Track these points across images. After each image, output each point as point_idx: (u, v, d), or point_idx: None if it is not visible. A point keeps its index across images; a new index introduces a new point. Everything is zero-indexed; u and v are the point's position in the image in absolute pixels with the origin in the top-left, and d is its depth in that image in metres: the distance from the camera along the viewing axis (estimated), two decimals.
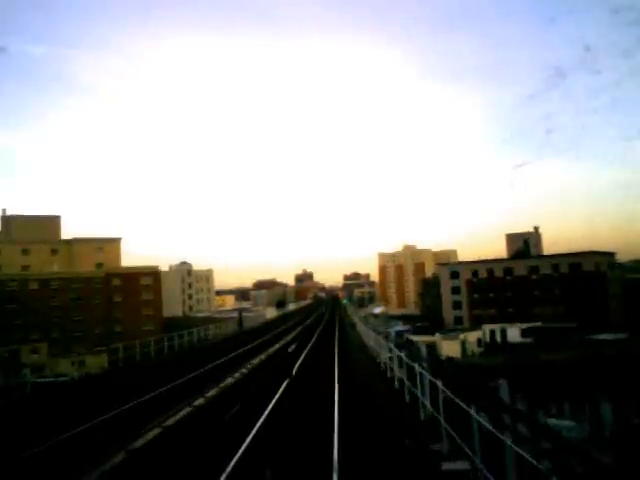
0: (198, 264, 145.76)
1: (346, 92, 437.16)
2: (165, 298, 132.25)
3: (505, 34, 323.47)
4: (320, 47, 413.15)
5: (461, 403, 8.91)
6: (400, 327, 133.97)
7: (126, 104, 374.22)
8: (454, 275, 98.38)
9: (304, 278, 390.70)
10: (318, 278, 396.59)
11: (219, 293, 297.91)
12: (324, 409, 13.58)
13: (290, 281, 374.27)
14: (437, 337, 67.75)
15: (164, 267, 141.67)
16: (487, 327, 75.92)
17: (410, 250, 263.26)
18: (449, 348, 61.91)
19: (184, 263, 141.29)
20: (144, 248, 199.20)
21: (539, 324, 75.68)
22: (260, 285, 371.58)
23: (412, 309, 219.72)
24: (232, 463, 9.16)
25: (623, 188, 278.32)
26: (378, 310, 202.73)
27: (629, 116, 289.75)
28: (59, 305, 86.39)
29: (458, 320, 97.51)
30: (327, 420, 12.17)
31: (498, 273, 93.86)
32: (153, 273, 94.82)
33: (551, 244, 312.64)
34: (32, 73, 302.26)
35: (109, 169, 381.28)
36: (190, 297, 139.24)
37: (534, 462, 6.08)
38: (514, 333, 74.13)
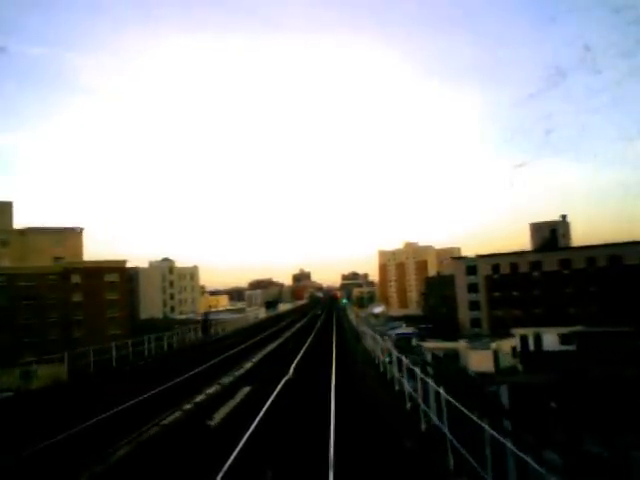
0: (193, 264, 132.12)
1: (345, 90, 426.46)
2: (144, 298, 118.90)
3: (505, 34, 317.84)
4: (320, 47, 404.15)
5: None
6: (403, 329, 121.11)
7: (122, 102, 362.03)
8: (471, 271, 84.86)
9: (301, 278, 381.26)
10: (316, 278, 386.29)
11: (214, 293, 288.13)
12: None
13: (288, 281, 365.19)
14: (461, 345, 54.24)
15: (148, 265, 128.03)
16: (518, 332, 62.61)
17: (412, 247, 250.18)
18: (478, 360, 48.61)
19: (166, 259, 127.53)
20: (139, 249, 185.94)
21: (580, 328, 62.28)
22: (256, 285, 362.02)
23: (414, 309, 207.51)
24: None
25: (623, 188, 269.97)
26: (378, 310, 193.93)
27: (629, 116, 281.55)
28: (6, 306, 72.78)
29: (475, 322, 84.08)
30: None
31: (523, 268, 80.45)
32: (119, 269, 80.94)
33: None
34: (29, 74, 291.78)
35: (104, 169, 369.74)
36: (172, 297, 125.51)
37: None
38: (551, 339, 60.82)
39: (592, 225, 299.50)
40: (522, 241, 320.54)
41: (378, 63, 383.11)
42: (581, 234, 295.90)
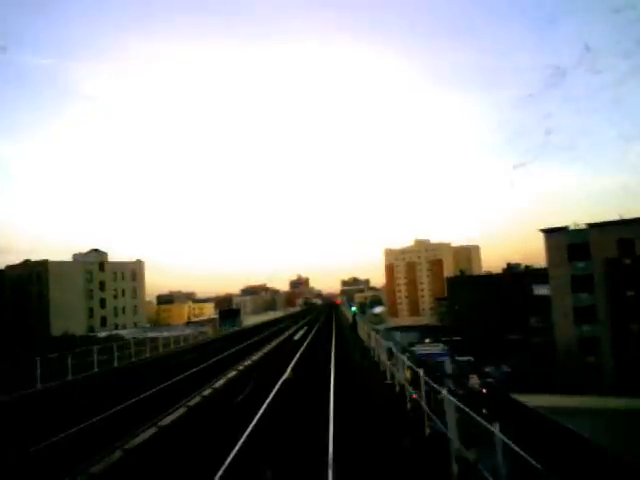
0: (136, 258, 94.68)
1: (345, 92, 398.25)
2: (57, 306, 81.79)
3: (505, 34, 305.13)
4: (323, 53, 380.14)
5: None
6: (428, 347, 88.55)
7: (114, 102, 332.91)
8: (577, 253, 47.55)
9: (299, 284, 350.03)
10: (315, 284, 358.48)
11: (202, 301, 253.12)
12: None
13: (285, 288, 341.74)
14: None
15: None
16: None
17: (423, 245, 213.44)
18: None
19: (95, 251, 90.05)
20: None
21: None
22: (249, 291, 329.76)
23: (428, 318, 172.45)
24: None
25: (623, 188, 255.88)
26: (378, 310, 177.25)
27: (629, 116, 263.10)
28: None
29: (588, 345, 46.83)
30: None
31: None
32: None
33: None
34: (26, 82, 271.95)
35: (99, 172, 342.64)
36: (103, 304, 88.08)
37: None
38: None
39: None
40: (531, 245, 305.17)
41: (381, 66, 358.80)
42: None
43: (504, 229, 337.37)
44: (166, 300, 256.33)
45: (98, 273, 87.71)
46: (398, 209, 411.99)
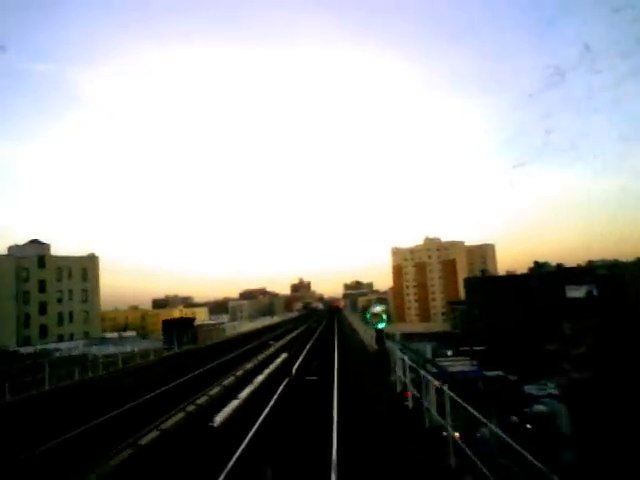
0: (88, 252, 75.82)
1: (346, 94, 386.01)
2: None
3: (504, 35, 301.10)
4: (323, 52, 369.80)
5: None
6: (458, 363, 67.86)
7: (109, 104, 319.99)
8: None
9: (300, 288, 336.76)
10: (317, 288, 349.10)
11: (196, 305, 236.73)
12: None
13: (286, 292, 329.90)
14: None
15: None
16: None
17: (435, 244, 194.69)
18: None
19: (35, 243, 71.47)
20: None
21: None
22: (247, 295, 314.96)
23: (440, 324, 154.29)
24: None
25: (623, 189, 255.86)
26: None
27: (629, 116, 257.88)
28: None
29: None
30: None
31: None
32: None
33: (556, 243, 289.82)
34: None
35: (99, 175, 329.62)
36: (43, 309, 69.48)
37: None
38: None
39: (595, 225, 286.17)
40: (543, 245, 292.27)
41: (384, 67, 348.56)
42: (585, 233, 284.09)
43: (509, 229, 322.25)
44: (161, 305, 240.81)
45: (37, 270, 69.18)
46: (401, 211, 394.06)
